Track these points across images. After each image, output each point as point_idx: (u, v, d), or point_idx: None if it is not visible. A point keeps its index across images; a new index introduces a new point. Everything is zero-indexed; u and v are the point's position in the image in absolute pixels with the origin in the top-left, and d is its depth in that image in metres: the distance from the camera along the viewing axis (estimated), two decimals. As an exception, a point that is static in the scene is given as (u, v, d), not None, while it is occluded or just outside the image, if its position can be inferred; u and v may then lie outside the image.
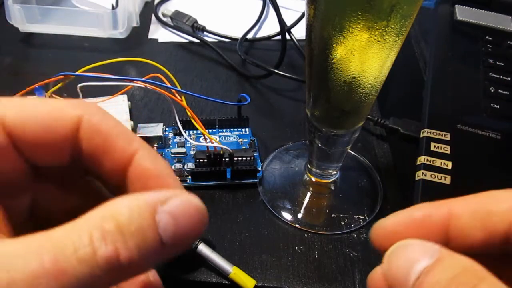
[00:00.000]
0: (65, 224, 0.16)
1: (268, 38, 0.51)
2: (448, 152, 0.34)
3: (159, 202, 0.17)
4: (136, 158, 0.20)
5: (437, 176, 0.33)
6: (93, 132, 0.20)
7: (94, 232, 0.15)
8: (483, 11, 0.51)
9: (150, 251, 0.16)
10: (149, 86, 0.33)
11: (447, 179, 0.32)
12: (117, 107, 0.40)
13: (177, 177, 0.21)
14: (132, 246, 0.16)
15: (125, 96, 0.41)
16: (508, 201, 0.18)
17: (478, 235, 0.18)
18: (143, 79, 0.33)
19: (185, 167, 0.36)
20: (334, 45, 0.25)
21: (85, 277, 0.15)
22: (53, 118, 0.19)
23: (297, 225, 0.34)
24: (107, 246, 0.15)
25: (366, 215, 0.35)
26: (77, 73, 0.34)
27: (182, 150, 0.37)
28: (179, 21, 0.52)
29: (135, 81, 0.34)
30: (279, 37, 0.45)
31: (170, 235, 0.17)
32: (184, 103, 0.34)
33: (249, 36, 0.52)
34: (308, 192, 0.36)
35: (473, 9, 0.51)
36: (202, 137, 0.36)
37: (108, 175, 0.20)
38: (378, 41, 0.25)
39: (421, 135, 0.36)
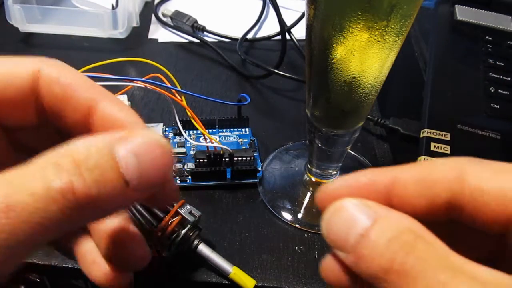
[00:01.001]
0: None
1: (268, 38, 0.51)
2: (448, 152, 0.34)
3: (119, 140, 0.16)
4: (99, 107, 0.19)
5: (437, 176, 0.33)
6: (52, 83, 0.19)
7: (49, 168, 0.15)
8: (483, 11, 0.51)
9: (112, 189, 0.15)
10: (149, 86, 0.33)
11: (447, 179, 0.32)
12: (117, 107, 0.40)
13: (145, 125, 0.20)
14: (89, 181, 0.15)
15: (125, 96, 0.41)
16: (451, 171, 0.18)
17: (422, 203, 0.17)
18: (143, 79, 0.33)
19: (185, 167, 0.36)
20: (334, 45, 0.25)
21: (38, 212, 0.14)
22: (10, 73, 0.19)
23: (297, 225, 0.34)
24: (62, 179, 0.15)
25: (366, 215, 0.35)
26: (77, 73, 0.34)
27: (182, 150, 0.37)
28: (179, 21, 0.52)
29: (135, 81, 0.34)
30: (279, 37, 0.45)
31: (134, 174, 0.16)
32: (184, 103, 0.34)
33: (249, 36, 0.52)
34: (308, 192, 0.36)
35: (473, 9, 0.51)
36: (202, 137, 0.36)
37: (73, 128, 0.20)
38: (378, 41, 0.25)
39: (421, 135, 0.36)
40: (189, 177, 0.36)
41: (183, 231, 0.30)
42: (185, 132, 0.35)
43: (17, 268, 0.15)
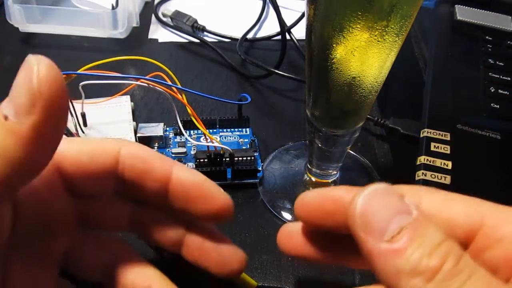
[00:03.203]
0: None
1: (268, 38, 0.51)
2: (448, 152, 0.34)
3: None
4: (173, 174, 0.22)
5: (437, 176, 0.33)
6: (133, 158, 0.22)
7: None
8: (483, 11, 0.51)
9: None
10: (152, 84, 0.33)
11: (447, 179, 0.32)
12: (120, 108, 0.40)
13: (215, 183, 0.23)
14: None
15: (128, 96, 0.41)
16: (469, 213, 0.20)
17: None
18: (147, 77, 0.34)
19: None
20: (334, 45, 0.25)
21: None
22: (95, 150, 0.22)
23: (297, 225, 0.34)
24: None
25: (366, 215, 0.35)
26: (79, 72, 0.34)
27: (183, 150, 0.37)
28: (179, 21, 0.52)
29: (137, 80, 0.34)
30: (279, 37, 0.45)
31: (5, 105, 0.17)
32: (185, 101, 0.34)
33: (249, 36, 0.52)
34: (308, 192, 0.36)
35: (473, 9, 0.51)
36: (203, 137, 0.36)
37: (151, 195, 0.23)
38: (378, 41, 0.25)
39: (421, 135, 0.36)
40: (189, 177, 0.36)
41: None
42: (185, 132, 0.35)
43: None
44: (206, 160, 0.35)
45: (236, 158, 0.36)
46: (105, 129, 0.38)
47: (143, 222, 0.25)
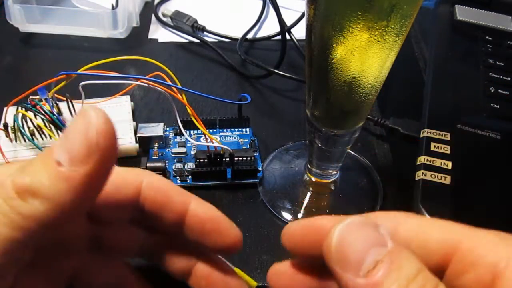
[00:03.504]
0: None
1: (268, 38, 0.51)
2: (448, 152, 0.34)
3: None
4: (191, 208, 0.23)
5: (437, 176, 0.33)
6: (154, 190, 0.23)
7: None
8: (483, 11, 0.51)
9: (47, 175, 0.17)
10: (152, 84, 0.33)
11: (447, 179, 0.32)
12: (120, 108, 0.40)
13: (229, 220, 0.24)
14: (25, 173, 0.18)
15: (128, 96, 0.41)
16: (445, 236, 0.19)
17: None
18: (147, 77, 0.34)
19: (186, 167, 0.36)
20: (334, 45, 0.25)
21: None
22: (120, 181, 0.23)
23: (297, 225, 0.34)
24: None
25: (366, 215, 0.35)
26: (79, 71, 0.34)
27: (183, 150, 0.37)
28: (179, 21, 0.52)
29: (137, 79, 0.34)
30: (279, 37, 0.45)
31: (59, 152, 0.17)
32: (185, 101, 0.34)
33: (249, 36, 0.52)
34: (308, 192, 0.36)
35: (473, 9, 0.51)
36: (203, 137, 0.36)
37: (167, 226, 0.24)
38: (378, 41, 0.25)
39: (421, 135, 0.36)
40: (190, 177, 0.36)
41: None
42: (185, 132, 0.35)
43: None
44: (206, 160, 0.35)
45: (236, 158, 0.36)
46: (105, 129, 0.38)
47: (154, 250, 0.25)
